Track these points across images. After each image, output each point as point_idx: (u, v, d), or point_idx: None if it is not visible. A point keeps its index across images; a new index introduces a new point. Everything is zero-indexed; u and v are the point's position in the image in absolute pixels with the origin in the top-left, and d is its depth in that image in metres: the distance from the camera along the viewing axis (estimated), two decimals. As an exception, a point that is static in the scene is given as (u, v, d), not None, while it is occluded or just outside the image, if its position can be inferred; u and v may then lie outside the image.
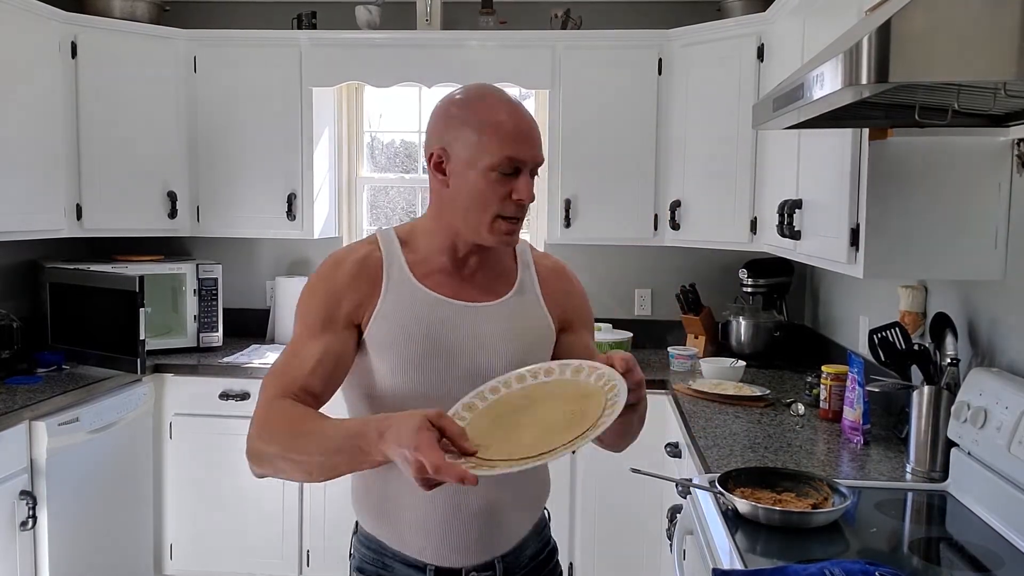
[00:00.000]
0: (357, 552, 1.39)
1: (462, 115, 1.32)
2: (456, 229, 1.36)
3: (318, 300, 1.35)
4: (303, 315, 1.35)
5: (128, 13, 3.36)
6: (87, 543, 2.84)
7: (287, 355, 1.33)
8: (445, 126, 1.33)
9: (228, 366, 3.27)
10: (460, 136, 1.31)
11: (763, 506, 1.65)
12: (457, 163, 1.32)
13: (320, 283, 1.36)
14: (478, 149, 1.29)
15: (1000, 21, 1.10)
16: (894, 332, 2.09)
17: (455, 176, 1.32)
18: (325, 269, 1.38)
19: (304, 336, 1.33)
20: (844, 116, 1.67)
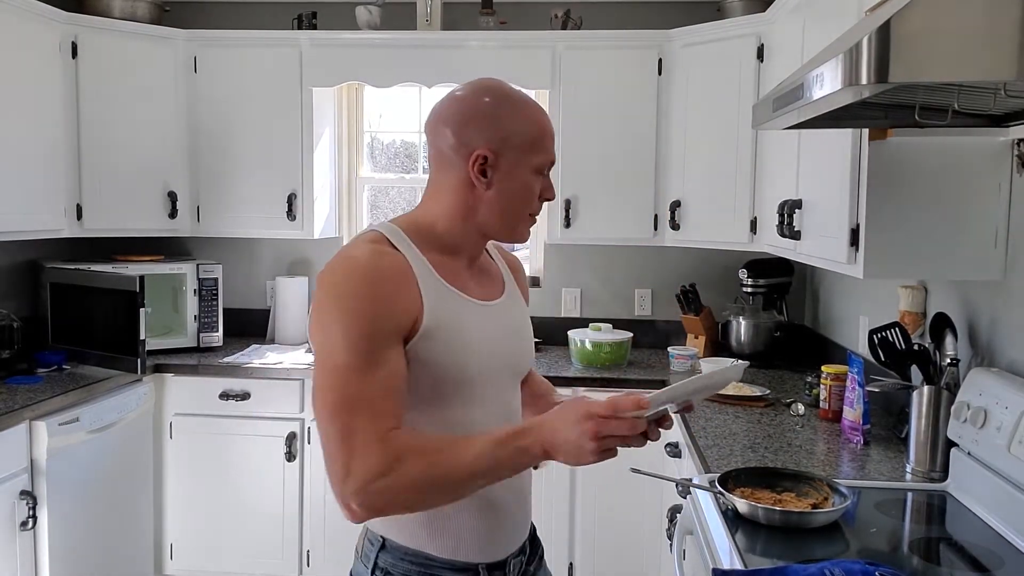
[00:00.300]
0: (394, 568, 1.32)
1: (510, 114, 1.31)
2: (486, 229, 1.36)
3: (364, 321, 1.20)
4: (356, 333, 1.19)
5: (128, 13, 3.36)
6: (87, 543, 2.84)
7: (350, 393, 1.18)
8: (490, 124, 1.30)
9: (228, 366, 3.27)
10: (511, 136, 1.30)
11: (763, 506, 1.65)
12: (507, 164, 1.31)
13: (358, 303, 1.21)
14: (528, 151, 1.31)
15: (1000, 21, 1.10)
16: (894, 332, 2.09)
17: (502, 177, 1.31)
18: (357, 285, 1.22)
19: (360, 364, 1.18)
20: (844, 116, 1.67)
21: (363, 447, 1.15)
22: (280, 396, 3.24)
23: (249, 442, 3.25)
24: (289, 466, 3.24)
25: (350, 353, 1.18)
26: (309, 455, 3.24)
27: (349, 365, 1.18)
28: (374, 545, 1.34)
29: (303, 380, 3.24)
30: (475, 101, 1.33)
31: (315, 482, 3.25)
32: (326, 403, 1.19)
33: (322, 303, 1.23)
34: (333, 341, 1.19)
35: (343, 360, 1.18)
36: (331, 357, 1.19)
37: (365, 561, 1.35)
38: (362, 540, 1.38)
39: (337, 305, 1.21)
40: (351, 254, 1.26)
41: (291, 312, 3.70)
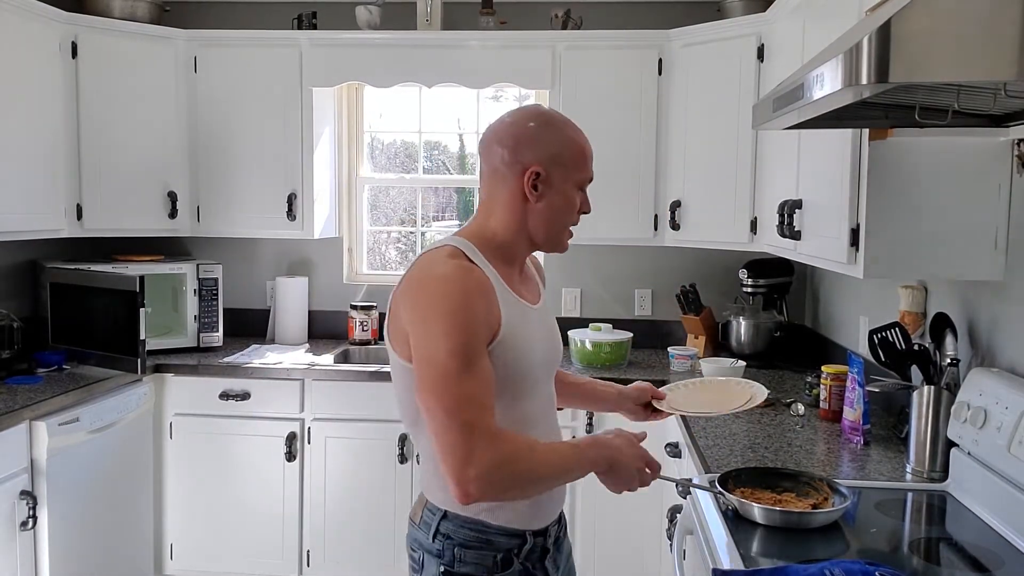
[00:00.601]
0: (455, 534, 1.50)
1: (556, 135, 1.51)
2: (535, 238, 1.54)
3: (469, 324, 1.38)
4: (458, 341, 1.35)
5: (128, 13, 3.36)
6: (87, 543, 2.84)
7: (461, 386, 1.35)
8: (540, 144, 1.49)
9: (228, 366, 3.27)
10: (558, 155, 1.49)
11: (763, 506, 1.65)
12: (554, 180, 1.50)
13: (463, 308, 1.37)
14: (572, 168, 1.51)
15: (1000, 21, 1.10)
16: (894, 332, 2.09)
17: (550, 192, 1.50)
18: (456, 301, 1.38)
19: (468, 364, 1.36)
20: (844, 116, 1.67)
21: (482, 441, 1.33)
22: (280, 396, 3.24)
23: (249, 442, 3.25)
24: (289, 466, 3.24)
25: (457, 359, 1.35)
26: (309, 455, 3.24)
27: (458, 369, 1.35)
28: (435, 514, 1.52)
29: (303, 380, 3.24)
30: (524, 124, 1.51)
31: (315, 482, 3.25)
32: (442, 402, 1.34)
33: (427, 318, 1.38)
34: (441, 350, 1.35)
35: (452, 366, 1.34)
36: (439, 364, 1.35)
37: (425, 528, 1.53)
38: (421, 510, 1.55)
39: (441, 320, 1.37)
40: (443, 273, 1.41)
41: (291, 312, 3.70)
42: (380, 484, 3.22)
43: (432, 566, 1.52)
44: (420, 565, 1.55)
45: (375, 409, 3.21)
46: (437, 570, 1.51)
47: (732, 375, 3.01)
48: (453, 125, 4.00)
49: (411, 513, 1.60)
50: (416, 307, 1.41)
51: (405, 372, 1.46)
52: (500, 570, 1.50)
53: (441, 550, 1.51)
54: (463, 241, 1.50)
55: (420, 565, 1.55)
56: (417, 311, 1.40)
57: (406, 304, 1.43)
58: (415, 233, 4.06)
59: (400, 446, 3.18)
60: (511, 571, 1.51)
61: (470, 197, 4.03)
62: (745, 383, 1.93)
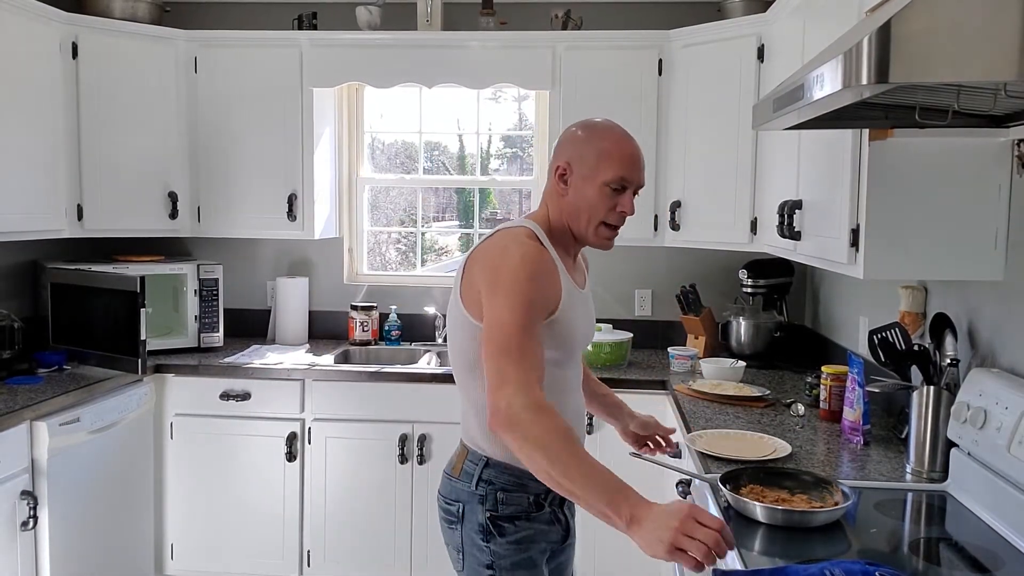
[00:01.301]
0: (496, 479, 1.68)
1: (587, 138, 1.70)
2: (572, 228, 1.73)
3: (536, 299, 1.57)
4: (524, 309, 1.54)
5: (129, 14, 3.36)
6: (88, 543, 2.85)
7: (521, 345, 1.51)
8: (572, 146, 1.70)
9: (229, 366, 3.27)
10: (583, 155, 1.68)
11: (764, 505, 1.65)
12: (578, 177, 1.68)
13: (533, 283, 1.57)
14: (597, 167, 1.67)
15: (1000, 21, 1.10)
16: (894, 332, 2.09)
17: (574, 187, 1.69)
18: (530, 271, 1.58)
19: (528, 330, 1.53)
20: (844, 116, 1.68)
21: (528, 382, 1.48)
22: (280, 396, 3.24)
23: (250, 442, 3.25)
24: (289, 466, 3.24)
25: (521, 317, 1.53)
26: (309, 455, 3.25)
27: (520, 325, 1.52)
28: (477, 464, 1.70)
29: (303, 380, 3.24)
30: (574, 127, 1.74)
31: (315, 482, 3.25)
32: (502, 342, 1.51)
33: (502, 287, 1.56)
34: (508, 307, 1.54)
35: (515, 321, 1.52)
36: (505, 317, 1.53)
37: (467, 479, 1.71)
38: (462, 463, 1.73)
39: (515, 283, 1.56)
40: (522, 251, 1.61)
41: (291, 312, 3.70)
42: (380, 484, 3.22)
43: (477, 513, 1.69)
44: (459, 516, 1.71)
45: (375, 409, 3.21)
46: (483, 516, 1.68)
47: (732, 375, 3.01)
48: (453, 125, 4.00)
49: (448, 468, 1.77)
50: (495, 275, 1.59)
51: (469, 325, 1.65)
52: (535, 511, 1.69)
53: (484, 496, 1.68)
54: (535, 225, 1.71)
55: (459, 516, 1.71)
56: (495, 278, 1.58)
57: (484, 268, 1.62)
58: (415, 233, 4.06)
59: (400, 446, 3.18)
60: (542, 513, 1.70)
61: (470, 197, 4.03)
62: (769, 438, 2.19)
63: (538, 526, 1.70)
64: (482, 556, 1.68)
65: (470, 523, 1.69)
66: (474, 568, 1.70)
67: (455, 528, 1.72)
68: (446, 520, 1.75)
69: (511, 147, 4.09)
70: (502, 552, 1.67)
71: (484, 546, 1.68)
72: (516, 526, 1.68)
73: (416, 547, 3.23)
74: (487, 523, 1.67)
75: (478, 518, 1.68)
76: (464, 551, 1.71)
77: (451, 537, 1.74)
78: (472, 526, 1.69)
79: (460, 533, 1.71)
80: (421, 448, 3.19)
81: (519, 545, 1.68)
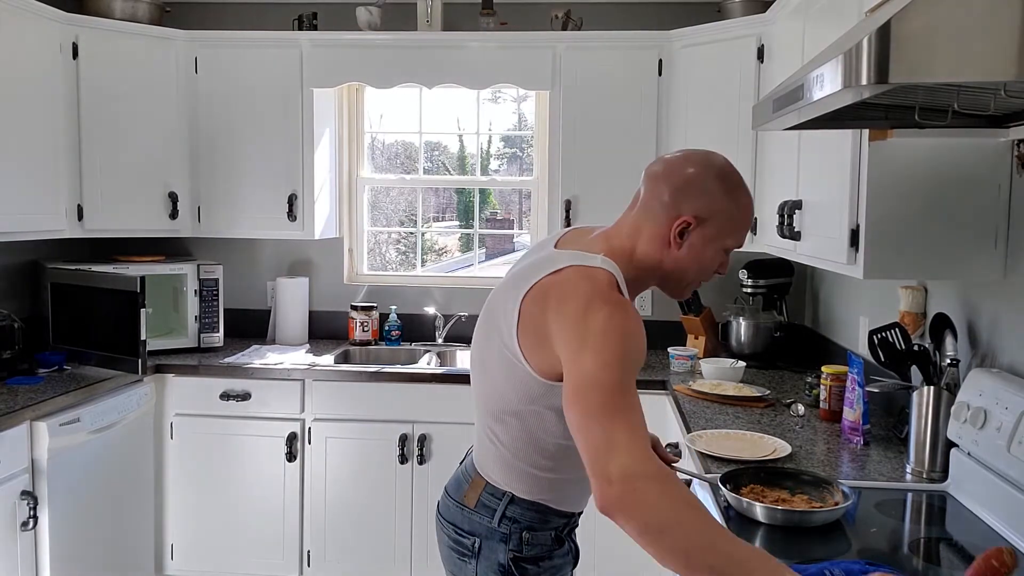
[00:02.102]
0: (522, 517, 1.56)
1: (726, 196, 1.48)
2: (662, 280, 1.54)
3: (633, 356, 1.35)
4: (622, 367, 1.32)
5: (129, 14, 3.36)
6: (88, 543, 2.85)
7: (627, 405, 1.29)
8: (707, 199, 1.46)
9: (229, 366, 3.27)
10: (715, 215, 1.47)
11: (764, 505, 1.65)
12: (701, 236, 1.47)
13: (629, 340, 1.34)
14: (727, 232, 1.49)
15: (1000, 21, 1.10)
16: (894, 332, 2.09)
17: (693, 245, 1.47)
18: (627, 323, 1.35)
19: (629, 389, 1.32)
20: (844, 117, 1.68)
21: (643, 448, 1.25)
22: (280, 396, 3.24)
23: (250, 442, 3.25)
24: (289, 466, 3.24)
25: (620, 375, 1.30)
26: (309, 455, 3.25)
27: (621, 383, 1.30)
28: (500, 499, 1.56)
29: (303, 380, 3.24)
30: (698, 171, 1.49)
31: (315, 482, 3.25)
32: (602, 403, 1.28)
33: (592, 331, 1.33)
34: (603, 363, 1.31)
35: (614, 379, 1.30)
36: (601, 376, 1.30)
37: (486, 512, 1.57)
38: (477, 494, 1.58)
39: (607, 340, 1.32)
40: (609, 297, 1.37)
41: (291, 313, 3.70)
42: (380, 484, 3.22)
43: (497, 552, 1.56)
44: (474, 550, 1.58)
45: (375, 409, 3.21)
46: (506, 556, 1.55)
47: (732, 376, 3.01)
48: (453, 126, 4.00)
49: (458, 496, 1.62)
50: (580, 327, 1.35)
51: (519, 369, 1.45)
52: (557, 547, 1.61)
53: (508, 534, 1.55)
54: (613, 265, 1.46)
55: (474, 550, 1.58)
56: (580, 332, 1.34)
57: (563, 315, 1.37)
58: (415, 234, 4.06)
59: (400, 446, 3.18)
60: (563, 549, 1.62)
61: (470, 198, 4.03)
62: (769, 438, 2.18)
63: (557, 562, 1.61)
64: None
65: (487, 560, 1.57)
66: None
67: (467, 562, 1.59)
68: (456, 551, 1.61)
69: (511, 147, 4.10)
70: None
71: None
72: (540, 567, 1.58)
73: (416, 547, 3.23)
74: (509, 565, 1.55)
75: (499, 557, 1.56)
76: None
77: (461, 569, 1.61)
78: (490, 564, 1.57)
79: (474, 569, 1.58)
80: (421, 448, 3.19)
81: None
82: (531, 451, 1.53)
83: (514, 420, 1.51)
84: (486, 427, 1.58)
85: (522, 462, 1.54)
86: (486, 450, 1.60)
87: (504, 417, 1.53)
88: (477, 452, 1.64)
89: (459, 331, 3.74)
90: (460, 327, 3.73)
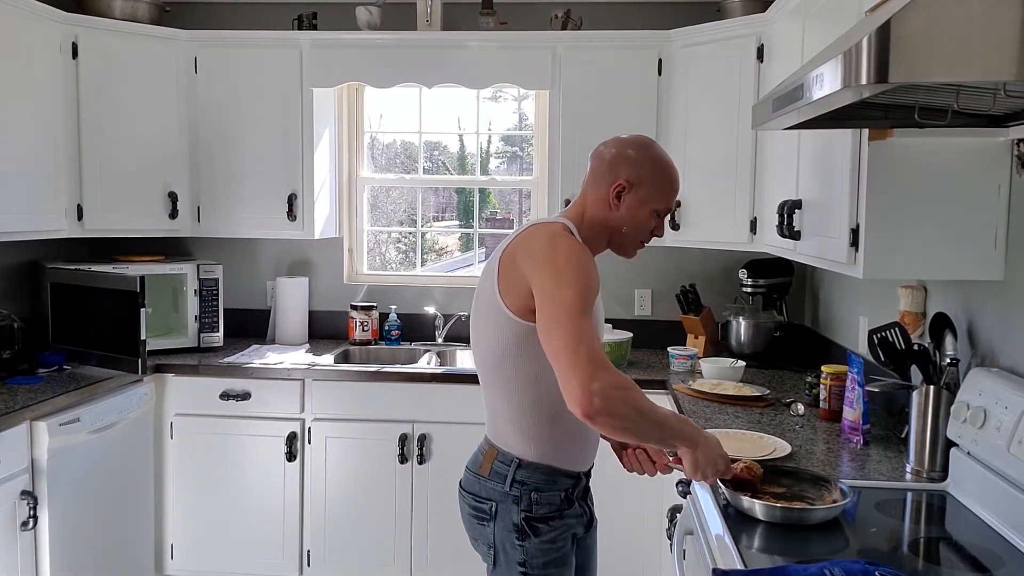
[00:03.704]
0: (529, 479, 1.75)
1: (649, 164, 1.78)
2: (608, 240, 1.83)
3: (591, 286, 1.62)
4: (584, 295, 1.59)
5: (129, 14, 3.36)
6: (88, 543, 2.85)
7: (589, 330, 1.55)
8: (633, 167, 1.77)
9: (229, 366, 3.27)
10: (643, 179, 1.77)
11: (763, 503, 1.65)
12: (633, 198, 1.77)
13: (588, 271, 1.64)
14: (655, 196, 1.79)
15: (1000, 21, 1.10)
16: (894, 332, 2.09)
17: (626, 206, 1.78)
18: (583, 257, 1.65)
19: (589, 314, 1.59)
20: (844, 116, 1.68)
21: (606, 367, 1.53)
22: (280, 396, 3.24)
23: (250, 442, 3.25)
24: (289, 466, 3.24)
25: (581, 305, 1.57)
26: (309, 455, 3.25)
27: (582, 312, 1.57)
28: (509, 464, 1.76)
29: (303, 380, 3.24)
30: (631, 146, 1.80)
31: (315, 482, 3.25)
32: (570, 331, 1.54)
33: (559, 271, 1.61)
34: (569, 295, 1.58)
35: (578, 308, 1.56)
36: (568, 304, 1.57)
37: (499, 478, 1.76)
38: (491, 463, 1.78)
39: (572, 274, 1.61)
40: (570, 242, 1.68)
41: (291, 312, 3.70)
42: (380, 484, 3.22)
43: (511, 513, 1.75)
44: (491, 514, 1.77)
45: (375, 409, 3.21)
46: (518, 516, 1.74)
47: (732, 375, 3.01)
48: (453, 125, 4.00)
49: (474, 466, 1.82)
50: (546, 262, 1.63)
51: (505, 320, 1.69)
52: (566, 507, 1.77)
53: (519, 496, 1.74)
54: (570, 223, 1.76)
55: (491, 514, 1.77)
56: (547, 265, 1.62)
57: (534, 259, 1.65)
58: (415, 233, 4.06)
59: (400, 446, 3.18)
60: (573, 509, 1.78)
61: (470, 197, 4.03)
62: (769, 438, 2.22)
63: (568, 521, 1.77)
64: (515, 554, 1.75)
65: (503, 522, 1.75)
66: (506, 565, 1.77)
67: (486, 525, 1.78)
68: (476, 517, 1.80)
69: (511, 147, 4.10)
70: (535, 551, 1.74)
71: (518, 545, 1.74)
72: (550, 526, 1.75)
73: (416, 547, 3.23)
74: (522, 523, 1.74)
75: (512, 518, 1.74)
76: (496, 548, 1.77)
77: (481, 533, 1.80)
78: (506, 525, 1.75)
79: (492, 531, 1.77)
80: (421, 448, 3.19)
81: (552, 544, 1.75)
82: (535, 407, 1.73)
83: (505, 368, 1.73)
84: (488, 389, 1.80)
85: (527, 418, 1.74)
86: (496, 417, 1.80)
87: (496, 371, 1.75)
88: (488, 424, 1.84)
89: (459, 331, 3.74)
90: (460, 327, 3.74)
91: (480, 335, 1.78)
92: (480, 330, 1.78)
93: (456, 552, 3.21)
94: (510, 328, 1.69)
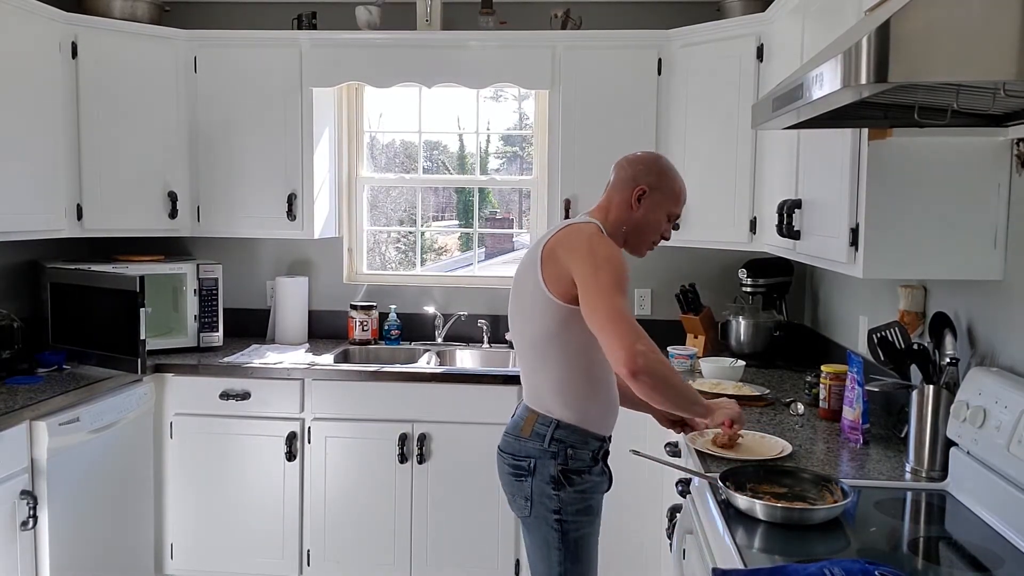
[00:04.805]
0: (566, 439, 2.01)
1: (667, 174, 2.10)
2: (625, 239, 2.11)
3: (626, 281, 1.90)
4: (622, 285, 1.87)
5: (128, 13, 3.36)
6: (88, 543, 2.85)
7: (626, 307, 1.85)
8: (654, 176, 2.08)
9: (228, 366, 3.27)
10: (661, 187, 2.08)
11: (763, 503, 1.65)
12: (652, 202, 2.07)
13: (621, 262, 1.92)
14: (669, 201, 2.10)
15: (1000, 21, 1.10)
16: (893, 332, 2.09)
17: (645, 208, 2.07)
18: (617, 252, 1.97)
19: (626, 300, 1.87)
20: (844, 116, 1.68)
21: (645, 335, 1.82)
22: (280, 396, 3.24)
23: (249, 442, 3.25)
24: (289, 466, 3.24)
25: (621, 292, 1.87)
26: (309, 455, 3.25)
27: (621, 293, 1.87)
28: (548, 426, 2.02)
29: (303, 380, 3.24)
30: (658, 162, 2.13)
31: (315, 482, 3.25)
32: (614, 311, 1.83)
33: (600, 266, 1.89)
34: (608, 280, 1.86)
35: (619, 298, 1.85)
36: (608, 287, 1.86)
37: (539, 438, 2.02)
38: (531, 425, 2.04)
39: (612, 270, 1.89)
40: (602, 235, 1.99)
41: (291, 312, 3.70)
42: (380, 484, 3.22)
43: (548, 466, 2.01)
44: (530, 469, 2.02)
45: (375, 409, 3.21)
46: (555, 469, 2.00)
47: (732, 375, 3.01)
48: (453, 125, 4.00)
49: (515, 431, 2.08)
50: (587, 254, 1.91)
51: (553, 306, 1.96)
52: (594, 465, 2.04)
53: (556, 452, 2.01)
54: (596, 222, 2.05)
55: (530, 469, 2.02)
56: (588, 257, 1.90)
57: (576, 254, 1.93)
58: (415, 233, 4.06)
59: (400, 445, 3.18)
60: (598, 467, 2.06)
61: (470, 197, 4.03)
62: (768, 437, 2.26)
63: (595, 478, 2.04)
64: (551, 503, 2.00)
65: (541, 475, 2.01)
66: (542, 514, 2.01)
67: (524, 480, 2.03)
68: (514, 474, 2.05)
69: (511, 146, 4.10)
70: (569, 500, 2.00)
71: (554, 494, 1.99)
72: (582, 478, 2.01)
73: (416, 546, 3.23)
74: (559, 475, 1.99)
75: (550, 471, 2.00)
76: (533, 499, 2.02)
77: (519, 488, 2.04)
78: (543, 478, 2.00)
79: (530, 484, 2.02)
80: (421, 447, 3.19)
81: (583, 494, 2.02)
82: (574, 378, 2.01)
83: (554, 346, 1.99)
84: (534, 364, 2.06)
85: (568, 386, 2.01)
86: (538, 387, 2.06)
87: (547, 348, 2.01)
88: (528, 394, 2.11)
89: (459, 330, 3.74)
90: (460, 326, 3.74)
91: (524, 319, 2.05)
92: (524, 314, 2.05)
93: (456, 551, 3.22)
94: (555, 311, 1.96)
